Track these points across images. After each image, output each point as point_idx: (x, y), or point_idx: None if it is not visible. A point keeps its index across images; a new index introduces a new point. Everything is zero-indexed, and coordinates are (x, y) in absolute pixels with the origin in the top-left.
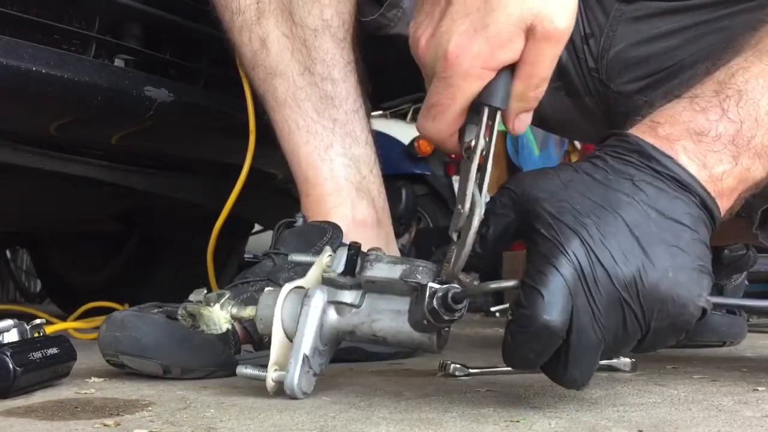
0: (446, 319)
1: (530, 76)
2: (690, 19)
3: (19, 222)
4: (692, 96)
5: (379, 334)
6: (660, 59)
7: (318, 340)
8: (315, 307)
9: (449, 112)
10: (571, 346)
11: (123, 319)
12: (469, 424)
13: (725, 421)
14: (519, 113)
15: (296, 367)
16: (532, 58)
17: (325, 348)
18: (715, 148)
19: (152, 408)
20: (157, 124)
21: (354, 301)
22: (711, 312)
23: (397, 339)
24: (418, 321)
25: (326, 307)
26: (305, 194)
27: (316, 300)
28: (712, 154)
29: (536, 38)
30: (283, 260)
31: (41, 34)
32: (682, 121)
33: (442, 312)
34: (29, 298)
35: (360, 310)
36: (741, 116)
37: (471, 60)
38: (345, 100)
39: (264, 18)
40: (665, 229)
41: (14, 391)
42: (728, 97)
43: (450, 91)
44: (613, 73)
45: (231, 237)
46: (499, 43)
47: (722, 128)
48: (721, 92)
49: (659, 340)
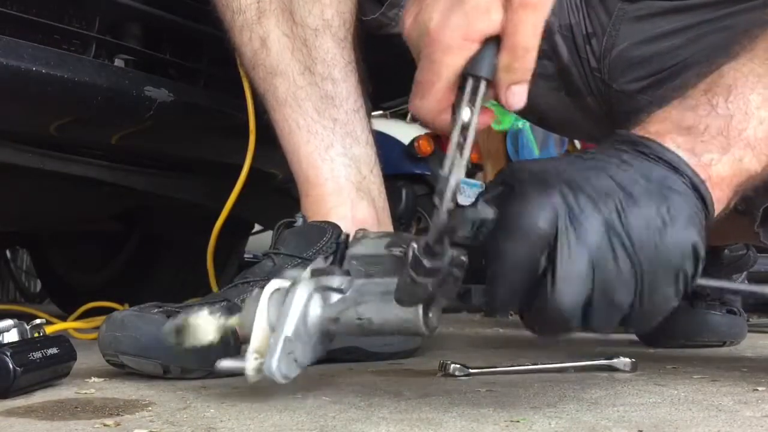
0: (429, 267)
1: (513, 47)
2: (693, 18)
3: (19, 222)
4: (682, 97)
5: (363, 316)
6: (663, 58)
7: (302, 325)
8: (299, 294)
9: (435, 89)
10: (559, 263)
11: (123, 319)
12: (469, 424)
13: (725, 421)
14: (510, 85)
15: (276, 349)
16: (512, 28)
17: (312, 339)
18: (704, 138)
19: (152, 408)
20: (157, 124)
21: (341, 286)
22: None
23: (382, 319)
24: (402, 287)
25: (312, 296)
26: (305, 194)
27: (301, 287)
28: (701, 144)
29: (513, 7)
30: (283, 260)
31: (41, 34)
32: (672, 119)
33: (423, 259)
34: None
35: (346, 296)
36: (730, 110)
37: (451, 33)
38: (345, 99)
39: (265, 17)
40: (654, 191)
41: (14, 391)
42: (717, 95)
43: (434, 67)
44: (615, 72)
45: (231, 237)
46: (477, 15)
47: (711, 121)
48: (710, 90)
49: (658, 292)
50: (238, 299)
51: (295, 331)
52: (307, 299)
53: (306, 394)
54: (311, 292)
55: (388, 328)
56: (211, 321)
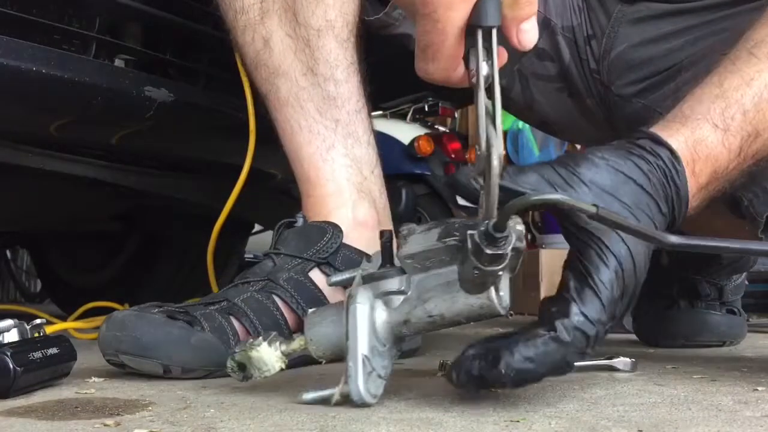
0: (491, 254)
1: None
2: (692, 20)
3: (19, 222)
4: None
5: (434, 312)
6: (659, 61)
7: (374, 338)
8: (360, 304)
9: (444, 48)
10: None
11: (123, 318)
12: (469, 424)
13: (725, 421)
14: (518, 24)
15: (357, 371)
16: None
17: (385, 348)
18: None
19: (152, 408)
20: (157, 124)
21: (401, 287)
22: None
23: (455, 311)
24: (468, 277)
25: (374, 304)
26: (306, 195)
27: (360, 297)
28: (664, 124)
29: None
30: (283, 260)
31: (41, 34)
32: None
33: (484, 246)
34: (29, 298)
35: (409, 296)
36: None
37: None
38: (347, 100)
39: (268, 18)
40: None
41: (14, 391)
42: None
43: (438, 26)
44: (613, 75)
45: (231, 237)
46: None
47: (677, 110)
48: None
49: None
50: (238, 299)
51: (369, 347)
52: (370, 310)
53: None
54: (371, 301)
55: (461, 319)
56: (270, 352)
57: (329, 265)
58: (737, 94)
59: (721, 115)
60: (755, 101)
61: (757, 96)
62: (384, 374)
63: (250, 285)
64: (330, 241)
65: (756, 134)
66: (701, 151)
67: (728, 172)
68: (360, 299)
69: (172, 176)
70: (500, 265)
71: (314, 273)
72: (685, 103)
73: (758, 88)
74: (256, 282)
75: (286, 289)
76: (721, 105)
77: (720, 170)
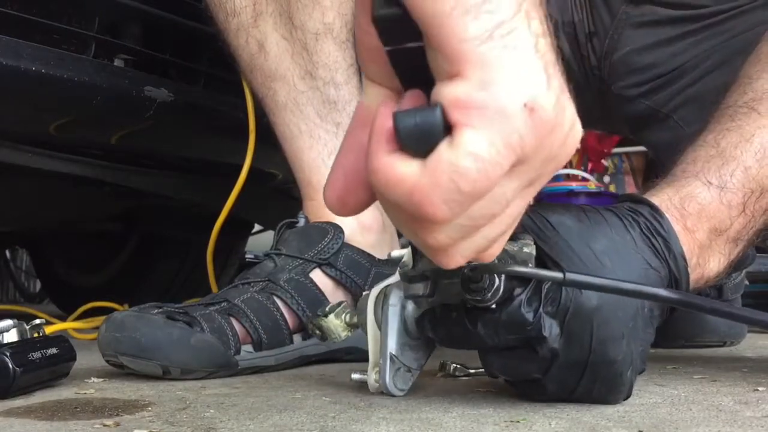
0: (478, 299)
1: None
2: (695, 25)
3: (19, 222)
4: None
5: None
6: (663, 64)
7: (404, 335)
8: (392, 305)
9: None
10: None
11: (123, 319)
12: (469, 424)
13: (725, 421)
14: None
15: (386, 367)
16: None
17: (417, 342)
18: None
19: (152, 408)
20: (157, 124)
21: (425, 292)
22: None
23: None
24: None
25: (404, 303)
26: (309, 198)
27: (392, 298)
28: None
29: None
30: (284, 261)
31: (41, 34)
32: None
33: (466, 291)
34: (29, 298)
35: (433, 299)
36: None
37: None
38: (348, 103)
39: (261, 20)
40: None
41: (14, 391)
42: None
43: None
44: (614, 76)
45: (231, 237)
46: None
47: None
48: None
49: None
50: (238, 300)
51: (399, 345)
52: (401, 310)
53: (306, 394)
54: (402, 301)
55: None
56: (337, 323)
57: (330, 265)
58: (736, 152)
59: (716, 173)
60: (758, 157)
61: (760, 152)
62: (417, 366)
63: (250, 285)
64: (331, 242)
65: (761, 191)
66: (691, 207)
67: (737, 231)
68: (392, 300)
69: (172, 176)
70: (492, 294)
71: (315, 274)
72: (678, 166)
73: (760, 144)
74: (257, 283)
75: (287, 290)
76: (717, 163)
77: (722, 228)
